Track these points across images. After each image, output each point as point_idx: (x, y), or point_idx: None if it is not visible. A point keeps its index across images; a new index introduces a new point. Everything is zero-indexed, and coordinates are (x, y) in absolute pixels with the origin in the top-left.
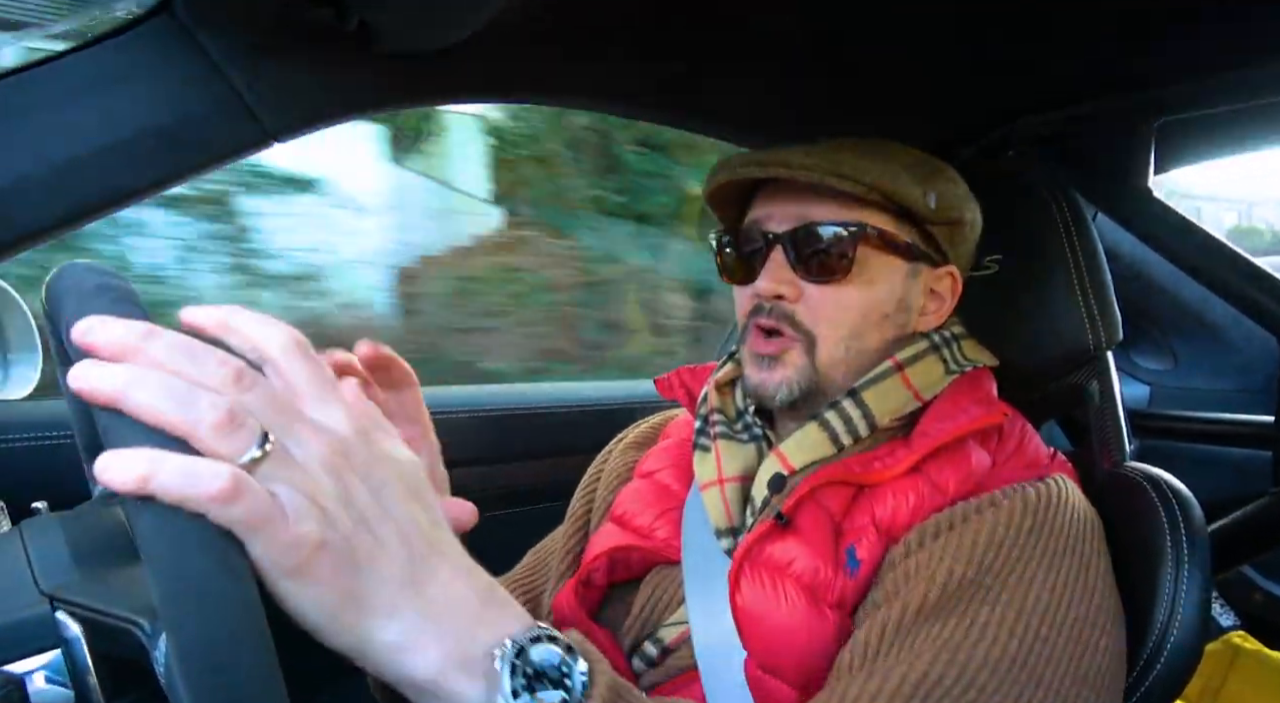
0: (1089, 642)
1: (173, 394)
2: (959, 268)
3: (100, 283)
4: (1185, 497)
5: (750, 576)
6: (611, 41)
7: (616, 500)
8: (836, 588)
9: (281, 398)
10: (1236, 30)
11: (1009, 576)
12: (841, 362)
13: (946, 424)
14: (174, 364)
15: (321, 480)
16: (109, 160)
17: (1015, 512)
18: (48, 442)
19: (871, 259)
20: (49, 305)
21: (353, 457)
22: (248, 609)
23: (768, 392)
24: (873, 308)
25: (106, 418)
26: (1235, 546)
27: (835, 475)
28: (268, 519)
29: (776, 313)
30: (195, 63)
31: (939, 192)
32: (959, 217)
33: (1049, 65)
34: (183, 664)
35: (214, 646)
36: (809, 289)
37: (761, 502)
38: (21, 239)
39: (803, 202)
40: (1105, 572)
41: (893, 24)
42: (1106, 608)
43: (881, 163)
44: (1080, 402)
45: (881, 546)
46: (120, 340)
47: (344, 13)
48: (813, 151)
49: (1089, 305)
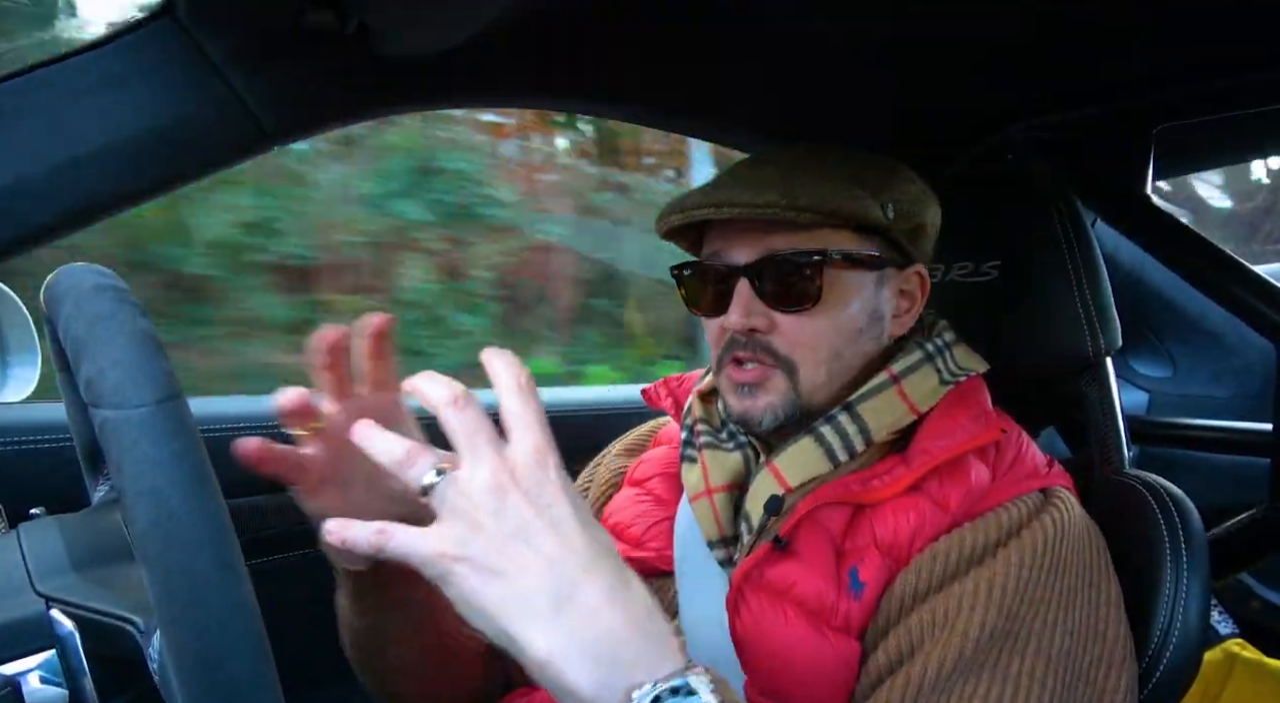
0: (1107, 684)
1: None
2: (924, 263)
3: (98, 284)
4: (1184, 504)
5: (750, 600)
6: (610, 46)
7: (608, 509)
8: (841, 612)
9: (467, 428)
10: (1236, 37)
11: (1034, 620)
12: (824, 383)
13: (944, 441)
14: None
15: (482, 498)
16: (110, 162)
17: (1036, 549)
18: (46, 445)
19: (839, 280)
20: (48, 307)
21: (521, 478)
22: (242, 608)
23: (753, 419)
24: (848, 326)
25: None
26: (1234, 553)
27: (834, 496)
28: (411, 543)
29: (752, 345)
30: (196, 65)
31: (896, 199)
32: (919, 222)
33: (1047, 71)
34: (176, 660)
35: (207, 642)
36: (780, 319)
37: (759, 524)
38: (24, 240)
39: (762, 232)
40: (1116, 598)
41: (891, 29)
42: (1121, 640)
43: (837, 183)
44: (1079, 408)
45: (885, 566)
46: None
47: (344, 16)
48: (763, 183)
49: (1088, 312)
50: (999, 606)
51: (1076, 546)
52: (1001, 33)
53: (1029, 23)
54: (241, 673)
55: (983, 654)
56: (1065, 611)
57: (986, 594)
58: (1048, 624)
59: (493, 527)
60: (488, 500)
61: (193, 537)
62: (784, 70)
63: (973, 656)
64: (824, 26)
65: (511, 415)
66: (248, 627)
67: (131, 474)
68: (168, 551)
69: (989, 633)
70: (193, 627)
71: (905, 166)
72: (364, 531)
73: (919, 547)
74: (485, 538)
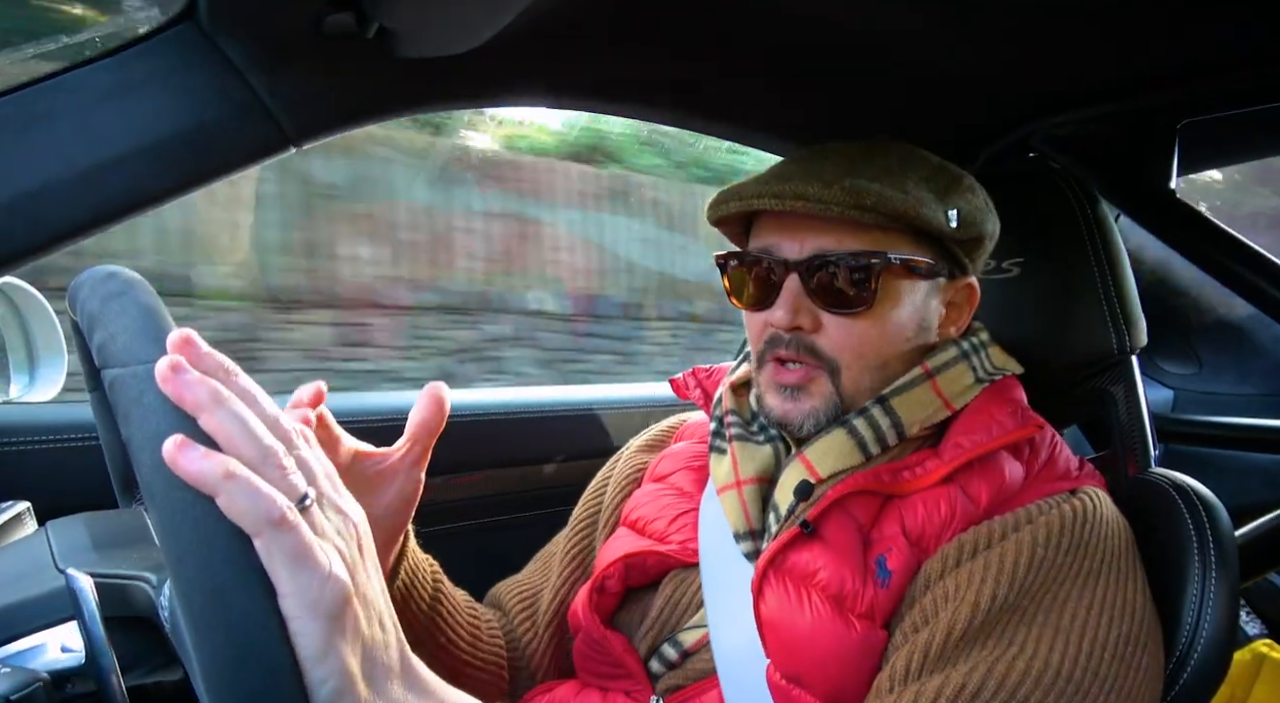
0: (1132, 660)
1: (248, 428)
2: (976, 275)
3: (111, 272)
4: (1212, 504)
5: (775, 584)
6: (629, 45)
7: (628, 505)
8: (866, 598)
9: (315, 467)
10: (1260, 30)
11: (1044, 596)
12: (867, 388)
13: (978, 436)
14: (249, 403)
15: (342, 546)
16: (134, 164)
17: (1052, 529)
18: (74, 444)
19: (892, 286)
20: (71, 307)
21: (364, 540)
22: (245, 542)
23: (793, 423)
24: (895, 334)
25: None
26: (1262, 553)
27: (864, 485)
28: (310, 554)
29: (796, 344)
30: (217, 68)
31: (960, 208)
32: (979, 233)
33: (1071, 66)
34: (183, 599)
35: (212, 577)
36: (828, 319)
37: (787, 509)
38: (51, 242)
39: (819, 229)
40: (1143, 587)
41: (913, 25)
42: (1147, 625)
43: (902, 186)
44: (1104, 406)
45: (913, 556)
46: (208, 368)
47: (364, 19)
48: (828, 178)
49: (1113, 309)
50: (1010, 578)
51: (1102, 530)
52: (1024, 28)
53: (1052, 17)
54: (247, 607)
55: (990, 625)
56: (1083, 589)
57: (998, 568)
58: (1058, 599)
59: (358, 580)
60: (347, 550)
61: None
62: (804, 70)
63: (981, 625)
64: (844, 24)
65: (321, 466)
66: (251, 561)
67: (137, 421)
68: (171, 490)
69: (999, 604)
70: (197, 562)
71: (970, 176)
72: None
73: (948, 538)
74: (358, 588)
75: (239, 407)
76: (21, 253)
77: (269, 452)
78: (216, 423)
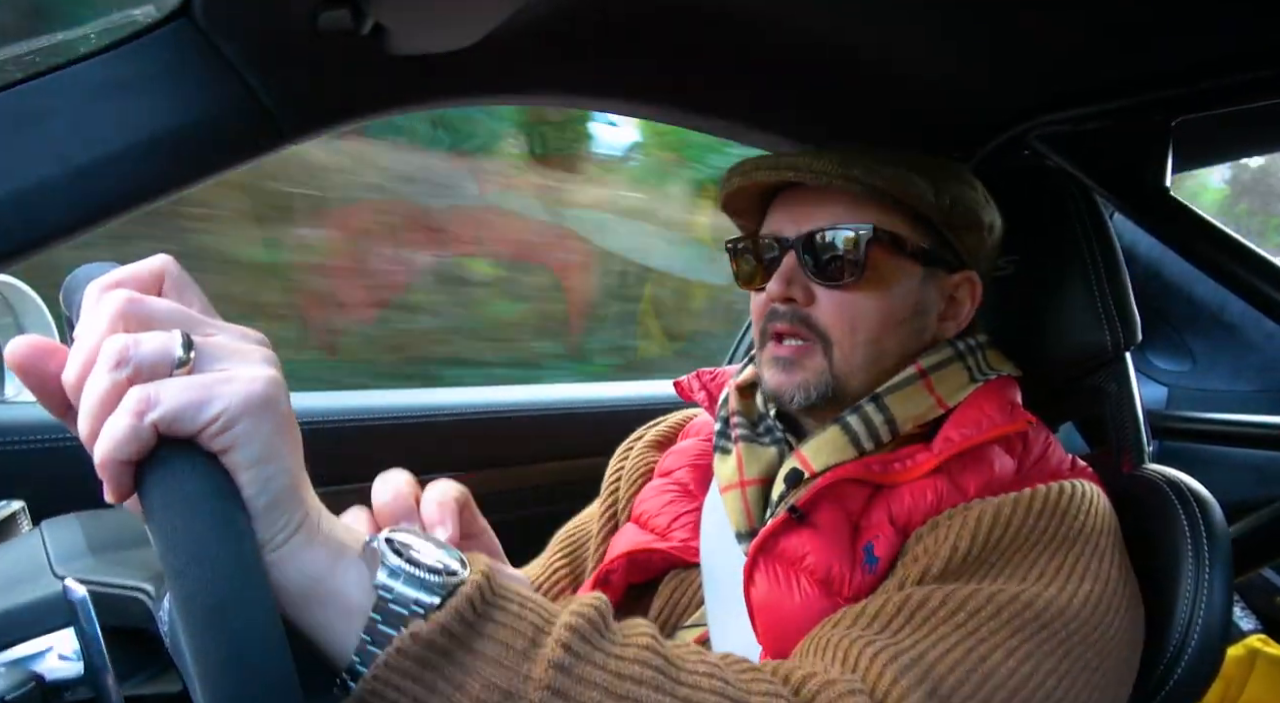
0: (1102, 619)
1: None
2: (979, 273)
3: (104, 264)
4: (1206, 500)
5: (764, 568)
6: (627, 43)
7: (636, 500)
8: (853, 583)
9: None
10: (1255, 27)
11: (1014, 554)
12: (860, 367)
13: (969, 430)
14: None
15: (249, 347)
16: (128, 161)
17: (1025, 497)
18: (67, 443)
19: (884, 263)
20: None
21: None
22: (247, 562)
23: (785, 394)
24: (888, 313)
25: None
26: (1256, 548)
27: (853, 473)
28: (214, 383)
29: (791, 316)
30: (212, 65)
31: (953, 195)
32: (975, 220)
33: (1065, 64)
34: (184, 611)
35: (214, 590)
36: (821, 293)
37: (778, 497)
38: (45, 239)
39: (816, 206)
40: (1121, 565)
41: (907, 24)
42: (1122, 596)
43: (894, 166)
44: (1099, 403)
45: (899, 541)
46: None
47: (359, 16)
48: (824, 155)
49: (1107, 306)
50: (974, 534)
51: (1082, 506)
52: (1019, 27)
53: (1046, 16)
54: (248, 619)
55: (953, 573)
56: (1053, 554)
57: (962, 526)
58: (1027, 559)
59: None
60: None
61: (199, 492)
62: (802, 70)
63: (940, 573)
64: (841, 24)
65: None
66: (254, 578)
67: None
68: (176, 511)
69: (962, 556)
70: (198, 576)
71: (970, 174)
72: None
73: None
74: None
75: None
76: (15, 250)
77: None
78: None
